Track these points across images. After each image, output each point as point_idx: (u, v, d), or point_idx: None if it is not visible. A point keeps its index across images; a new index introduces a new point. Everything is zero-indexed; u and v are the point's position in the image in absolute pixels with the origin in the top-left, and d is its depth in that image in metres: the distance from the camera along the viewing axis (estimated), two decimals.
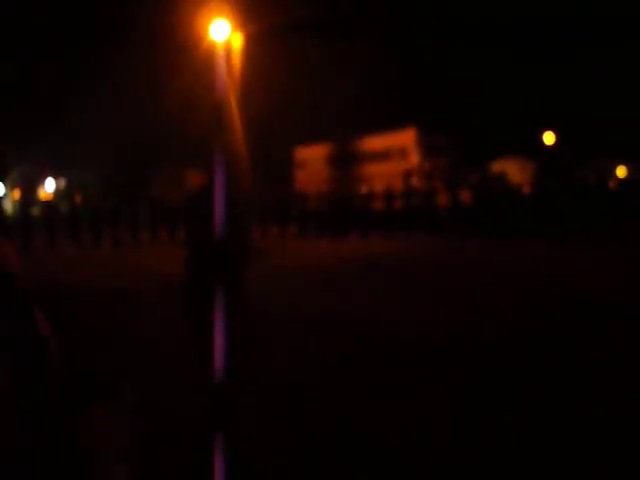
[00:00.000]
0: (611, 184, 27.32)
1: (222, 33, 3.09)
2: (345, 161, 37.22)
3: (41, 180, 53.76)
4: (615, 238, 19.69)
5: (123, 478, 2.12)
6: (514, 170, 32.55)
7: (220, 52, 2.43)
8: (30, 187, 48.80)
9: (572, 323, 8.17)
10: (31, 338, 1.19)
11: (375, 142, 35.52)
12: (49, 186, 54.20)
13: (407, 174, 31.11)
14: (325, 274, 13.74)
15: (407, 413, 4.95)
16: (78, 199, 24.39)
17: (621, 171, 37.72)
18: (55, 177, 55.10)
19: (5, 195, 45.10)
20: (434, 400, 5.22)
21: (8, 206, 44.72)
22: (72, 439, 1.30)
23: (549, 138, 41.31)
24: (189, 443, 4.16)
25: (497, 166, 33.13)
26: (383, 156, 34.59)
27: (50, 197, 48.72)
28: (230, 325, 2.18)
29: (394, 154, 33.87)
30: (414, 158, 32.34)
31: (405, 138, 33.52)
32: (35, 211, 27.24)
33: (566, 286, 11.21)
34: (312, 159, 39.50)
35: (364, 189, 29.63)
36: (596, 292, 10.39)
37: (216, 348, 2.17)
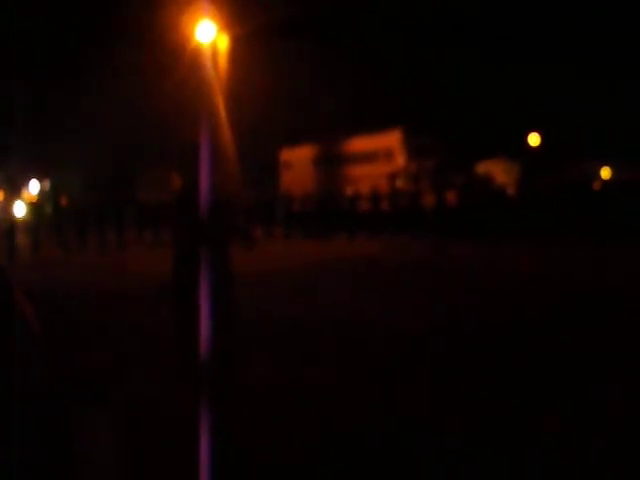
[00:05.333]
0: (595, 185, 27.50)
1: (208, 35, 3.11)
2: (331, 162, 37.20)
3: (25, 182, 53.39)
4: (599, 238, 19.81)
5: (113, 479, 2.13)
6: (499, 171, 32.65)
7: (206, 53, 2.45)
8: (14, 189, 48.44)
9: (560, 319, 8.23)
10: (12, 320, 1.19)
11: (361, 143, 35.51)
12: (33, 188, 53.84)
13: (393, 176, 31.14)
14: (309, 276, 13.75)
15: (397, 412, 4.98)
16: (63, 201, 24.25)
17: (605, 172, 37.96)
18: (39, 179, 54.75)
19: None
20: (429, 401, 5.25)
21: None
22: (62, 440, 1.32)
23: (534, 139, 41.57)
24: (179, 443, 4.16)
25: (482, 167, 33.23)
26: (369, 157, 34.59)
27: (34, 199, 48.40)
28: (216, 311, 2.20)
29: (380, 155, 33.88)
30: (400, 159, 32.37)
31: (391, 139, 33.55)
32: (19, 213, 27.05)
33: (549, 285, 11.28)
34: (298, 160, 39.45)
35: (350, 190, 29.65)
36: (588, 290, 10.47)
37: (202, 331, 2.18)
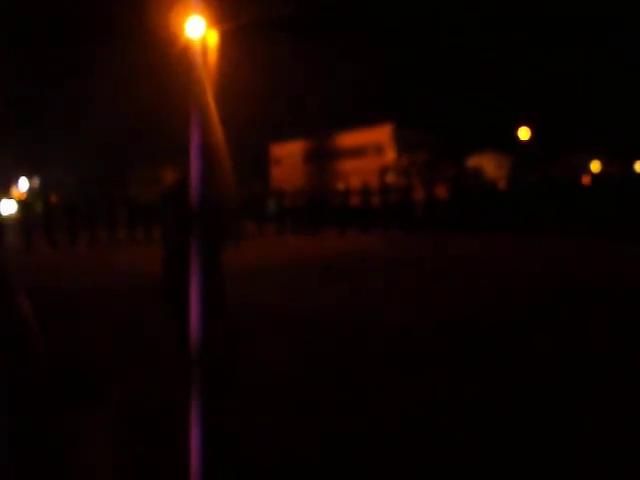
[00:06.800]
0: (585, 179, 27.57)
1: (198, 30, 3.09)
2: (322, 158, 37.22)
3: (14, 179, 53.15)
4: (588, 231, 19.90)
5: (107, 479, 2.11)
6: (490, 165, 32.74)
7: (196, 49, 2.42)
8: (3, 186, 48.24)
9: (552, 312, 8.24)
10: (12, 320, 1.17)
11: (351, 138, 35.54)
12: (22, 185, 53.62)
13: (383, 170, 31.16)
14: (304, 271, 13.74)
15: (389, 408, 4.97)
16: (54, 198, 24.15)
17: (595, 166, 38.08)
18: (28, 176, 54.50)
19: None
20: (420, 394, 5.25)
21: None
22: (57, 439, 1.29)
23: (524, 133, 41.66)
24: (172, 441, 4.14)
25: (473, 161, 33.28)
26: (359, 152, 34.62)
27: (24, 196, 48.16)
28: (206, 309, 2.18)
29: (370, 150, 33.92)
30: (390, 154, 32.40)
31: (381, 134, 33.57)
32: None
33: (540, 276, 11.30)
34: (289, 156, 39.46)
35: (341, 185, 29.65)
36: (577, 281, 10.50)
37: (192, 328, 2.15)
